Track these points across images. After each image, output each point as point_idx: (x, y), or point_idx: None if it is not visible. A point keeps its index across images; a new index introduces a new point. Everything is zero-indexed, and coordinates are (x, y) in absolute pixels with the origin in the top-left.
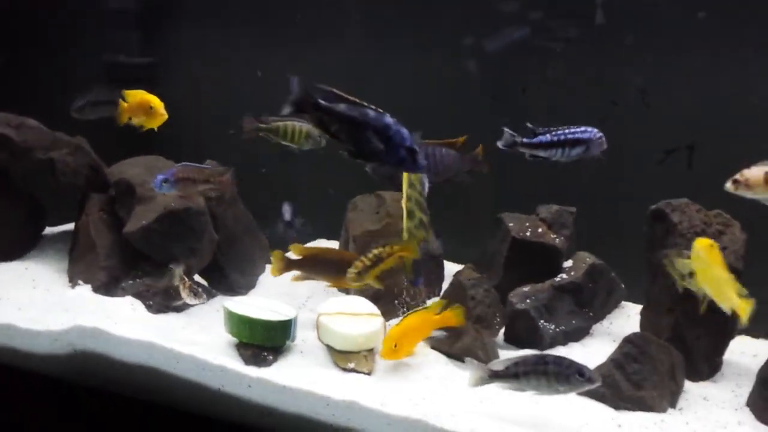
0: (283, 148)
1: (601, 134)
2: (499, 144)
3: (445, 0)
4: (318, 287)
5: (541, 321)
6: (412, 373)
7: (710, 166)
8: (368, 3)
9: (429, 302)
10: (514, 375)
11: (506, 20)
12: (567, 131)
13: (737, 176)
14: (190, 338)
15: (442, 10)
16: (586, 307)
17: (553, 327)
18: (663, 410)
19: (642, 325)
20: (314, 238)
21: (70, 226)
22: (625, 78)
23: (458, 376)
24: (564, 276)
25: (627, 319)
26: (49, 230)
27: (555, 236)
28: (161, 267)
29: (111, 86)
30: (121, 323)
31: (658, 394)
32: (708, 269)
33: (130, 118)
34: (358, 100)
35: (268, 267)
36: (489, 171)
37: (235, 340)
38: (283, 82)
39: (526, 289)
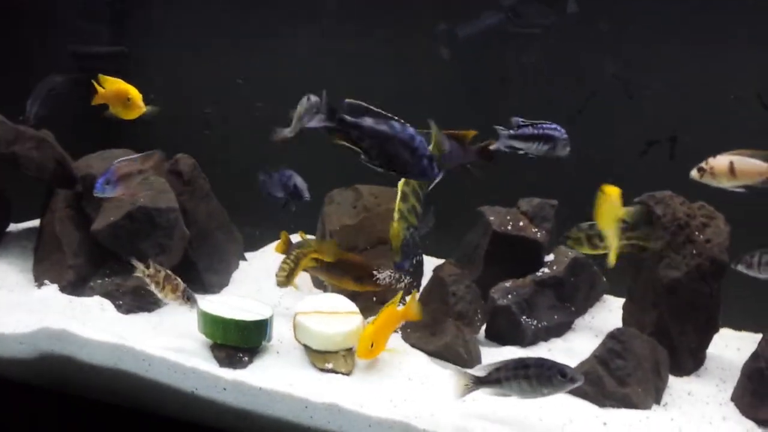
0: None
1: (567, 136)
2: (500, 146)
3: None
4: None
5: (523, 317)
6: (392, 372)
7: (694, 157)
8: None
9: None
10: (497, 381)
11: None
12: (543, 125)
13: (702, 164)
14: (161, 339)
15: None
16: (568, 301)
17: (535, 323)
18: (648, 407)
19: (624, 319)
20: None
21: (35, 223)
22: (606, 67)
23: (440, 375)
24: (546, 270)
25: (609, 313)
26: (13, 227)
27: (536, 230)
28: (130, 265)
29: (67, 76)
30: (90, 324)
31: (642, 391)
32: (611, 215)
33: (105, 106)
34: (382, 111)
35: (242, 264)
36: (494, 164)
37: (209, 341)
38: (271, 80)
39: (507, 284)
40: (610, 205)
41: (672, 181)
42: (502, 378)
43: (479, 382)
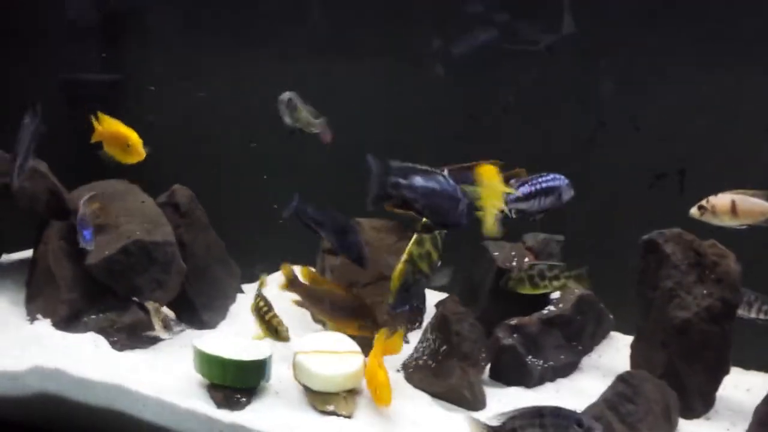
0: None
1: (568, 180)
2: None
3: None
4: (292, 320)
5: (529, 357)
6: (395, 415)
7: (705, 190)
8: (338, 16)
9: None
10: (512, 430)
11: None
12: (541, 180)
13: (703, 203)
14: (157, 378)
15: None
16: (575, 340)
17: (541, 363)
18: None
19: (632, 358)
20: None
21: (28, 254)
22: (613, 97)
23: (444, 419)
24: (552, 308)
25: (616, 351)
26: (4, 257)
27: None
28: (126, 300)
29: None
30: (84, 363)
31: None
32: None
33: (101, 144)
34: (426, 168)
35: (240, 297)
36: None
37: (206, 381)
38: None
39: (512, 322)
40: (490, 184)
41: (682, 216)
42: (518, 427)
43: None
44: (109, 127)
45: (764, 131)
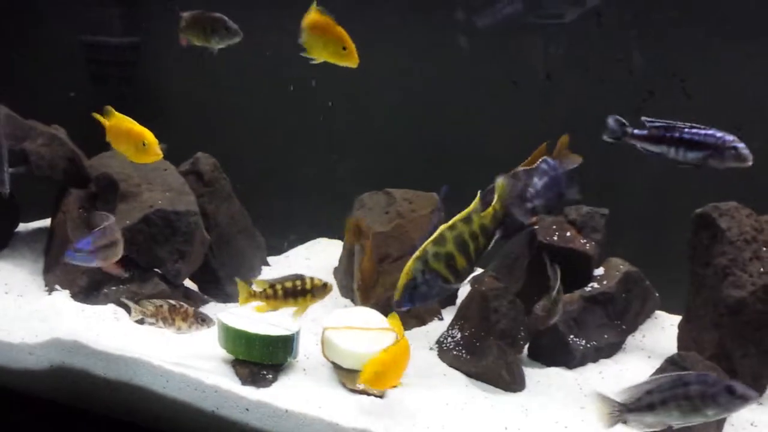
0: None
1: (735, 143)
2: (606, 135)
3: None
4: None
5: (571, 336)
6: (428, 395)
7: (758, 164)
8: None
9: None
10: (649, 406)
11: None
12: (686, 129)
13: None
14: (180, 353)
15: None
16: (619, 319)
17: (583, 342)
18: None
19: (680, 339)
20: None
21: (46, 222)
22: (664, 65)
23: (480, 399)
24: (595, 285)
25: (662, 331)
26: (22, 226)
27: (585, 241)
28: (147, 271)
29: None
30: (104, 335)
31: (703, 422)
32: None
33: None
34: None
35: (265, 269)
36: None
37: (231, 356)
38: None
39: None
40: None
41: (738, 189)
42: (657, 402)
43: (628, 410)
44: (120, 125)
45: None
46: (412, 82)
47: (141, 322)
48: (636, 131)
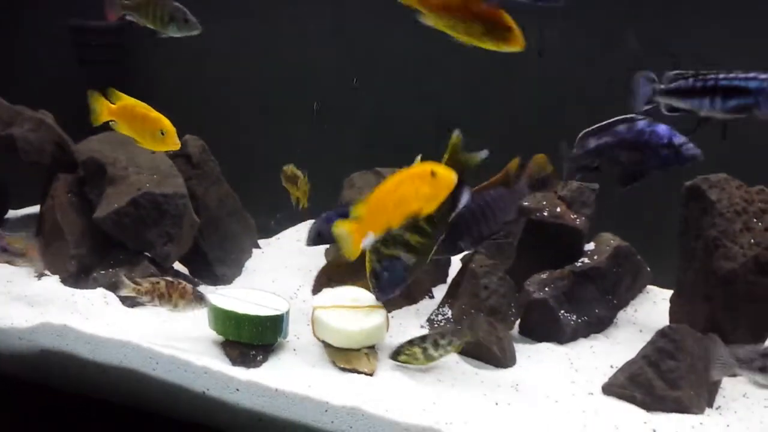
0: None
1: None
2: (637, 101)
3: None
4: (311, 276)
5: (561, 311)
6: (419, 373)
7: (749, 136)
8: None
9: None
10: (762, 369)
11: None
12: (722, 75)
13: None
14: (170, 335)
15: None
16: (610, 294)
17: (574, 317)
18: (701, 411)
19: (672, 313)
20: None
21: (35, 209)
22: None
23: (471, 375)
24: (585, 260)
25: (653, 305)
26: (12, 213)
27: (575, 216)
28: (136, 255)
29: None
30: (93, 319)
31: (695, 394)
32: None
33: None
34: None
35: (256, 252)
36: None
37: (220, 337)
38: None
39: (543, 276)
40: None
41: (726, 164)
42: None
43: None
44: (131, 107)
45: None
46: (405, 61)
47: (131, 303)
48: (667, 87)
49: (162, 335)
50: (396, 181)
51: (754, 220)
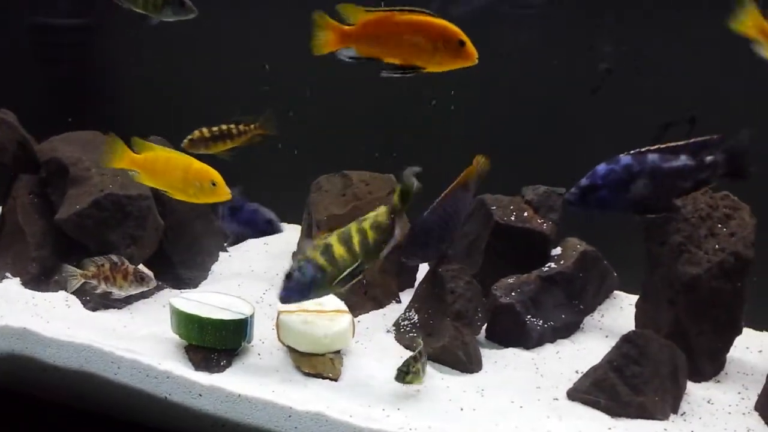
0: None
1: None
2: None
3: None
4: (278, 280)
5: (528, 316)
6: (384, 378)
7: None
8: None
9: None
10: None
11: None
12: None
13: None
14: (132, 339)
15: None
16: (577, 299)
17: (540, 322)
18: (665, 417)
19: (637, 318)
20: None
21: None
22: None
23: (437, 380)
24: (552, 265)
25: (620, 311)
26: None
27: (542, 221)
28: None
29: None
30: (54, 322)
31: (659, 399)
32: None
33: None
34: None
35: (223, 256)
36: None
37: (183, 342)
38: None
39: (510, 280)
40: None
41: None
42: None
43: None
44: (164, 161)
45: None
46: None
47: (93, 306)
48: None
49: (124, 339)
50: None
51: (719, 225)
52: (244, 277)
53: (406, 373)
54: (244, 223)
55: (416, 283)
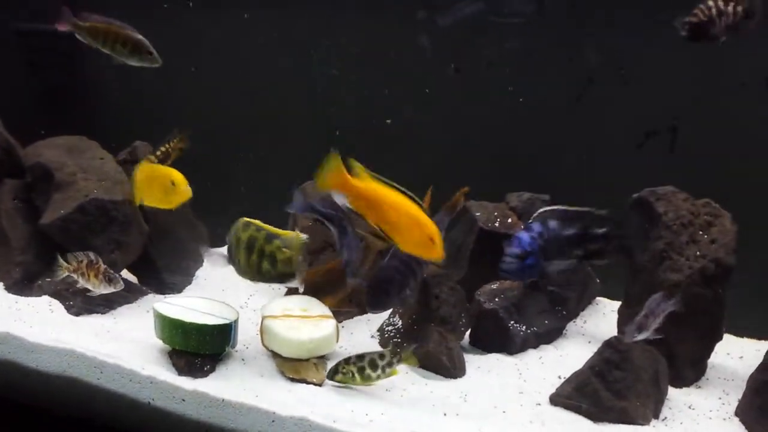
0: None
1: None
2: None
3: None
4: (262, 285)
5: (511, 322)
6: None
7: (696, 149)
8: None
9: None
10: None
11: None
12: None
13: None
14: (115, 344)
15: None
16: (560, 305)
17: (524, 328)
18: (647, 422)
19: (619, 324)
20: None
21: None
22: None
23: (420, 385)
24: None
25: (602, 317)
26: None
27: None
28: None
29: None
30: (38, 327)
31: (641, 404)
32: None
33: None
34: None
35: (207, 260)
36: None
37: (167, 346)
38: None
39: (494, 286)
40: None
41: (673, 177)
42: None
43: None
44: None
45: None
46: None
47: (77, 311)
48: None
49: (107, 344)
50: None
51: (700, 232)
52: (229, 282)
53: (334, 372)
54: None
55: None
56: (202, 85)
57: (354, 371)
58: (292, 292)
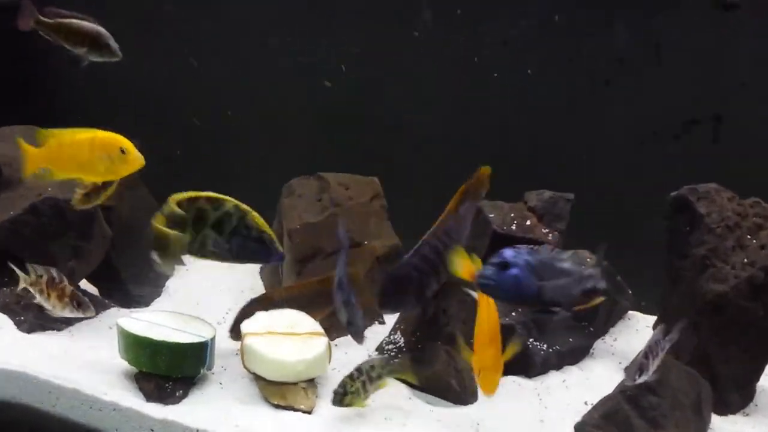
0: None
1: None
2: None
3: None
4: (243, 297)
5: (530, 340)
6: (365, 410)
7: (744, 140)
8: None
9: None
10: None
11: None
12: None
13: None
14: (73, 366)
15: None
16: (586, 320)
17: (545, 347)
18: None
19: None
20: None
21: None
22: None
23: (425, 413)
24: None
25: (635, 333)
26: None
27: (547, 230)
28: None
29: None
30: None
31: None
32: None
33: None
34: None
35: (179, 269)
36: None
37: (133, 368)
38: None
39: None
40: None
41: (716, 172)
42: None
43: None
44: (70, 139)
45: None
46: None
47: (28, 328)
48: None
49: (64, 365)
50: None
51: (748, 236)
52: (204, 294)
53: (343, 395)
54: None
55: None
56: (171, 81)
57: (359, 387)
58: (266, 302)
